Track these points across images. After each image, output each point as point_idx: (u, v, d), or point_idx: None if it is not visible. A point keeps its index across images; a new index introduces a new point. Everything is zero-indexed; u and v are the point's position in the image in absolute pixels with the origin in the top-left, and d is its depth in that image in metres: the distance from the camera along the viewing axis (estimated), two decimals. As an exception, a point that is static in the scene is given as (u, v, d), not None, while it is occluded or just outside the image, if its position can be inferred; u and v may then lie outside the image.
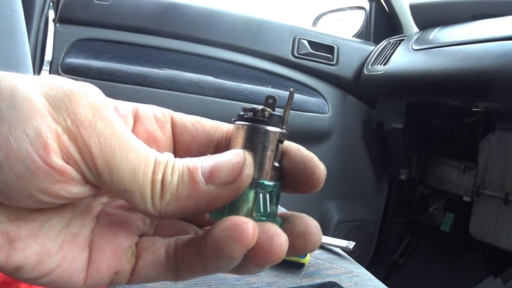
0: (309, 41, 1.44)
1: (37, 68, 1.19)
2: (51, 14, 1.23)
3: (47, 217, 0.18)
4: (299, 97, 1.40)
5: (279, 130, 0.19)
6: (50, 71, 1.23)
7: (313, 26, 1.84)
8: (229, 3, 1.45)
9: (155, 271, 0.20)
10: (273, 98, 0.20)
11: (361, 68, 1.49)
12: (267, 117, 0.19)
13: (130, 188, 0.17)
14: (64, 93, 0.17)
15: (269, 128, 0.19)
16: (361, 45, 1.56)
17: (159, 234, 0.22)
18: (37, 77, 0.17)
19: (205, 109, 1.27)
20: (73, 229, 0.19)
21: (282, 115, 0.19)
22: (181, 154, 0.22)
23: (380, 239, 1.61)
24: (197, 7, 1.35)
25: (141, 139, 0.18)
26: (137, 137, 0.18)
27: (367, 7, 1.66)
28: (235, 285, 0.45)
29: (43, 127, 0.16)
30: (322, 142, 1.47)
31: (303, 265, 0.52)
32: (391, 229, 1.62)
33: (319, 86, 1.46)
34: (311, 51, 1.44)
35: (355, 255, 0.60)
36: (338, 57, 1.47)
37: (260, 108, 0.19)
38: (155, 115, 0.22)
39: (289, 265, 0.51)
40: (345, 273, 0.52)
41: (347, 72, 1.49)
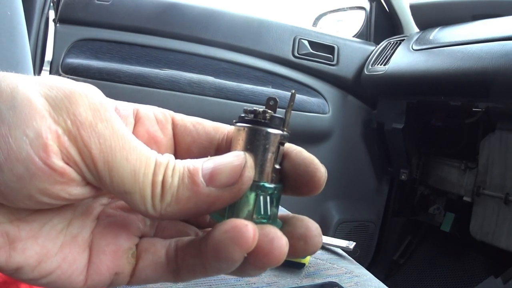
0: (310, 41, 1.44)
1: (38, 68, 1.19)
2: (52, 14, 1.23)
3: (47, 218, 0.18)
4: (300, 97, 1.40)
5: (280, 132, 0.19)
6: (50, 71, 1.23)
7: (313, 26, 1.83)
8: (229, 3, 1.45)
9: (155, 273, 0.20)
10: (275, 100, 0.20)
11: (362, 68, 1.49)
12: (268, 119, 0.19)
13: (130, 189, 0.17)
14: (64, 94, 0.17)
15: (270, 130, 0.19)
16: (361, 45, 1.56)
17: (159, 235, 0.22)
18: (37, 77, 0.17)
19: (206, 109, 1.27)
20: (73, 230, 0.19)
21: (283, 117, 0.19)
22: (182, 155, 0.22)
23: (380, 239, 1.61)
24: (197, 7, 1.35)
25: (141, 140, 0.18)
26: (138, 138, 0.18)
27: (367, 7, 1.66)
28: (235, 285, 0.45)
29: (43, 128, 0.16)
30: (322, 142, 1.47)
31: (303, 265, 0.52)
32: (391, 229, 1.62)
33: (320, 86, 1.46)
34: (312, 51, 1.43)
35: (356, 255, 0.60)
36: (338, 57, 1.47)
37: (261, 110, 0.19)
38: (156, 116, 0.22)
39: (290, 265, 0.51)
40: (346, 273, 0.52)
41: (348, 72, 1.49)
